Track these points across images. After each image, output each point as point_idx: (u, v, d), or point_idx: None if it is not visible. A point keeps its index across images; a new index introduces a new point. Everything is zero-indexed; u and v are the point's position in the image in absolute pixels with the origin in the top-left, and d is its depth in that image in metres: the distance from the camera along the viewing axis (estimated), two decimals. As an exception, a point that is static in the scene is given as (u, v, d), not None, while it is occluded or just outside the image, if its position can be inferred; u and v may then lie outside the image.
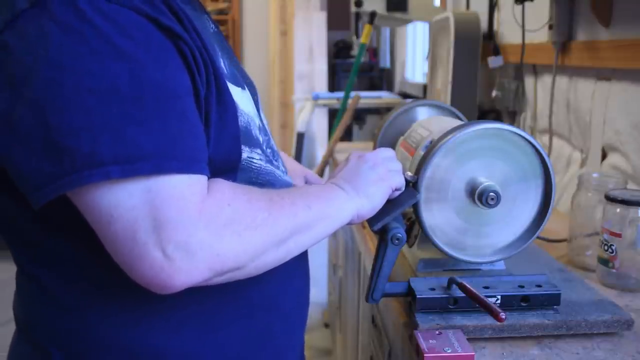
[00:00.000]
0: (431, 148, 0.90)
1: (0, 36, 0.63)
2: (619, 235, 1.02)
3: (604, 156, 1.45)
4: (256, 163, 0.78)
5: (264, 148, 0.81)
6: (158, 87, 0.63)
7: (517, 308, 0.87)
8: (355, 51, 4.23)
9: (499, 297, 0.87)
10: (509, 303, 0.87)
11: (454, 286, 0.86)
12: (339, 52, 4.91)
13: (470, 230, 0.92)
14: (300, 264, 0.87)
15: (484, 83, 2.18)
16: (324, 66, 4.24)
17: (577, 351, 0.83)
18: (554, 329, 0.86)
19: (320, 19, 4.23)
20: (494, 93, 2.08)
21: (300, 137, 3.44)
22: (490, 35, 2.14)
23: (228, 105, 0.72)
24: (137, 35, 0.64)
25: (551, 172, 0.91)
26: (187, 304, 0.73)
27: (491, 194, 0.88)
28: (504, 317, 0.77)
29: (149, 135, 0.61)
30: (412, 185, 0.89)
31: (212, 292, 0.73)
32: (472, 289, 0.83)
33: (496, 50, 2.05)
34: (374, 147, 1.29)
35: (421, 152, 1.01)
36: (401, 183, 0.86)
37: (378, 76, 4.80)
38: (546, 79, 1.76)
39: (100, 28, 0.62)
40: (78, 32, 0.61)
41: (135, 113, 0.61)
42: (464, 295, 0.85)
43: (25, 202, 0.65)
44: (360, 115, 3.85)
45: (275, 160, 0.84)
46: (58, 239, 0.71)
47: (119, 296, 0.71)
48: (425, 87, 2.84)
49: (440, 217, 0.91)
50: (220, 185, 0.68)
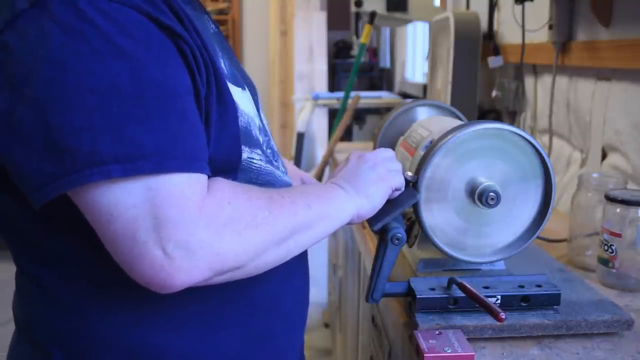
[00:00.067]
0: (431, 148, 0.90)
1: (0, 36, 0.63)
2: (619, 235, 1.02)
3: (604, 156, 1.45)
4: (256, 163, 0.78)
5: (264, 148, 0.81)
6: (158, 86, 0.63)
7: (517, 308, 0.87)
8: (355, 51, 4.23)
9: (499, 297, 0.87)
10: (509, 303, 0.87)
11: (454, 286, 0.86)
12: (339, 52, 4.91)
13: (470, 230, 0.92)
14: (300, 263, 0.87)
15: (484, 83, 2.18)
16: (324, 66, 4.24)
17: (577, 351, 0.83)
18: (554, 329, 0.86)
19: (320, 19, 4.24)
20: (494, 93, 2.08)
21: (300, 137, 3.44)
22: (490, 35, 2.14)
23: (228, 106, 0.72)
24: (138, 35, 0.63)
25: (551, 172, 0.91)
26: (188, 303, 0.73)
27: (491, 194, 0.88)
28: (504, 317, 0.77)
29: (149, 134, 0.61)
30: (412, 185, 0.89)
31: (212, 292, 0.73)
32: (472, 289, 0.83)
33: (496, 50, 2.05)
34: (374, 147, 1.29)
35: (421, 152, 1.01)
36: (401, 183, 0.86)
37: (378, 76, 4.80)
38: (546, 79, 1.76)
39: (100, 27, 0.62)
40: (79, 32, 0.61)
41: (136, 112, 0.61)
42: (464, 295, 0.85)
43: (25, 202, 0.65)
44: (360, 115, 3.85)
45: (275, 161, 0.84)
46: (59, 238, 0.71)
47: (120, 295, 0.71)
48: (425, 87, 2.84)
49: (440, 217, 0.91)
50: (220, 184, 0.67)
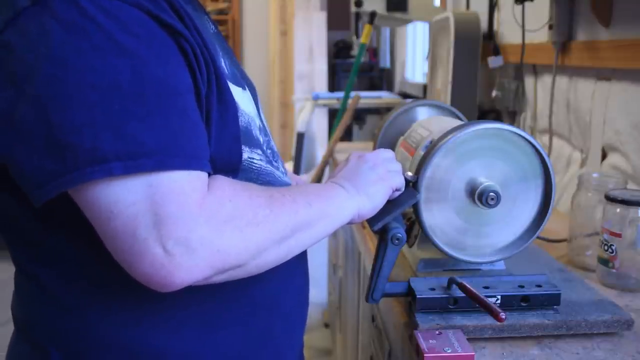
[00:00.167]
0: (431, 148, 0.90)
1: (2, 35, 0.63)
2: (619, 235, 1.02)
3: (604, 156, 1.45)
4: (256, 163, 0.78)
5: (264, 149, 0.81)
6: (159, 83, 0.63)
7: (517, 308, 0.87)
8: (355, 51, 4.23)
9: (499, 297, 0.87)
10: (509, 303, 0.87)
11: (454, 286, 0.86)
12: (339, 52, 4.91)
13: (470, 230, 0.92)
14: (300, 263, 0.87)
15: (484, 83, 2.18)
16: (324, 66, 4.24)
17: (577, 351, 0.83)
18: (554, 329, 0.86)
19: (320, 19, 4.24)
20: (494, 93, 2.08)
21: (300, 137, 3.44)
22: (490, 35, 2.14)
23: (229, 105, 0.72)
24: (139, 32, 0.63)
25: (551, 172, 0.91)
26: (188, 303, 0.73)
27: (491, 194, 0.88)
28: (504, 317, 0.77)
29: (150, 132, 0.61)
30: (412, 185, 0.89)
31: (213, 292, 0.73)
32: (472, 289, 0.83)
33: (496, 50, 2.05)
34: (374, 147, 1.29)
35: (421, 152, 1.01)
36: (401, 183, 0.86)
37: (378, 76, 4.80)
38: (546, 79, 1.76)
39: (102, 24, 0.62)
40: (80, 29, 0.61)
41: (137, 109, 0.61)
42: (464, 295, 0.85)
43: (26, 201, 0.65)
44: (360, 115, 3.85)
45: (275, 161, 0.84)
46: (59, 237, 0.71)
47: (120, 295, 0.71)
48: (425, 87, 2.84)
49: (440, 217, 0.91)
50: (221, 182, 0.67)
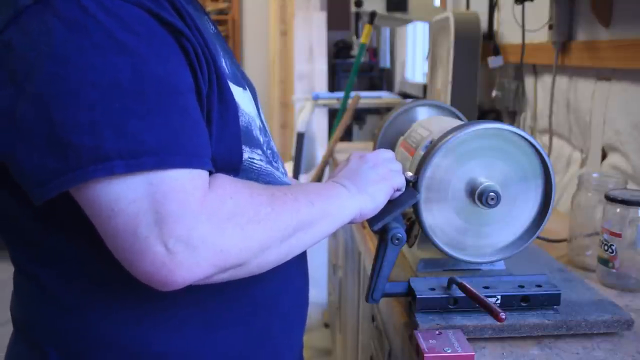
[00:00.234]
0: (431, 148, 0.90)
1: (4, 33, 0.63)
2: (619, 235, 1.02)
3: (604, 156, 1.45)
4: (257, 164, 0.78)
5: (265, 149, 0.81)
6: (160, 82, 0.63)
7: (517, 308, 0.87)
8: (355, 51, 4.23)
9: (499, 297, 0.87)
10: (509, 303, 0.87)
11: (454, 286, 0.86)
12: (339, 52, 4.91)
13: (470, 230, 0.92)
14: (300, 264, 0.86)
15: (484, 83, 2.18)
16: (324, 66, 4.25)
17: (577, 351, 0.83)
18: (554, 329, 0.86)
19: (320, 19, 4.24)
20: (494, 93, 2.08)
21: (300, 137, 3.44)
22: (490, 35, 2.14)
23: (229, 104, 0.72)
24: (140, 30, 0.63)
25: (551, 172, 0.91)
26: (189, 303, 0.73)
27: (491, 194, 0.88)
28: (504, 317, 0.77)
29: (151, 130, 0.61)
30: (412, 185, 0.89)
31: (213, 292, 0.73)
32: (472, 289, 0.83)
33: (496, 50, 2.05)
34: (374, 147, 1.29)
35: (421, 152, 1.01)
36: (402, 183, 0.86)
37: (378, 76, 4.80)
38: (546, 79, 1.76)
39: (103, 23, 0.62)
40: (81, 27, 0.61)
41: (138, 107, 0.61)
42: (464, 295, 0.85)
43: (26, 201, 0.64)
44: (360, 115, 3.85)
45: (275, 162, 0.84)
46: (59, 236, 0.71)
47: (120, 294, 0.71)
48: (425, 87, 2.84)
49: (440, 217, 0.91)
50: (222, 180, 0.67)
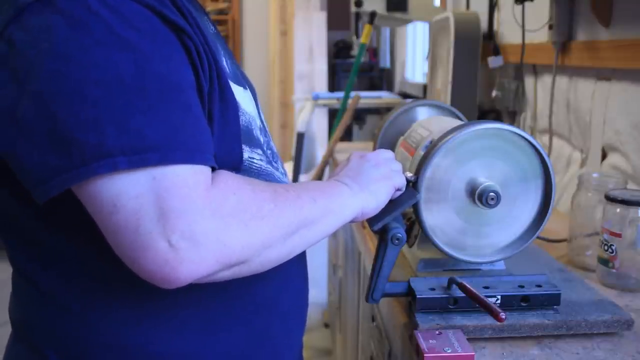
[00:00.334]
0: (431, 148, 0.90)
1: (5, 31, 0.63)
2: (619, 235, 1.02)
3: (604, 156, 1.45)
4: (256, 163, 0.78)
5: (265, 149, 0.81)
6: (162, 79, 0.63)
7: (517, 308, 0.87)
8: (355, 51, 4.23)
9: (499, 297, 0.87)
10: (509, 303, 0.87)
11: (454, 286, 0.86)
12: (339, 52, 4.91)
13: (470, 230, 0.92)
14: (300, 264, 0.86)
15: (484, 83, 2.18)
16: (324, 66, 4.25)
17: (577, 351, 0.83)
18: (554, 329, 0.86)
19: (320, 19, 4.24)
20: (494, 93, 2.08)
21: (300, 137, 3.44)
22: (490, 35, 2.14)
23: (230, 103, 0.72)
24: (143, 27, 0.63)
25: (551, 172, 0.91)
26: (190, 303, 0.73)
27: (491, 194, 0.88)
28: (504, 317, 0.77)
29: (153, 126, 0.61)
30: (412, 185, 0.89)
31: (214, 292, 0.73)
32: (472, 289, 0.83)
33: (496, 50, 2.05)
34: (374, 147, 1.29)
35: (421, 152, 1.01)
36: (403, 183, 0.86)
37: (378, 76, 4.80)
38: (546, 79, 1.76)
39: (105, 19, 0.61)
40: (84, 24, 0.61)
41: (140, 104, 0.61)
42: (464, 295, 0.85)
43: (26, 200, 0.64)
44: (360, 115, 3.85)
45: (275, 162, 0.84)
46: (59, 235, 0.70)
47: (121, 294, 0.71)
48: (425, 87, 2.84)
49: (440, 217, 0.91)
50: (224, 176, 0.67)
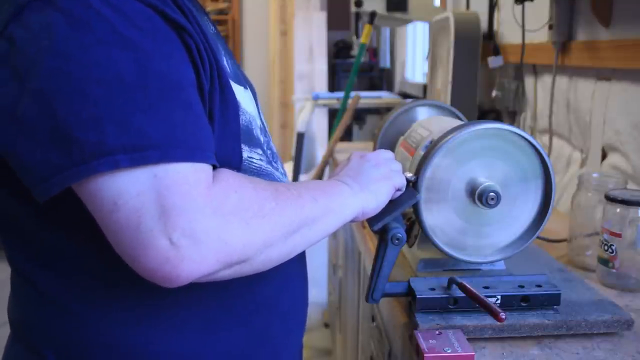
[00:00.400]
0: (431, 148, 0.90)
1: (6, 29, 0.63)
2: (619, 235, 1.02)
3: (604, 156, 1.45)
4: (256, 163, 0.78)
5: (264, 149, 0.81)
6: (163, 77, 0.62)
7: (517, 308, 0.87)
8: (355, 51, 4.22)
9: (499, 297, 0.87)
10: (509, 303, 0.87)
11: (454, 286, 0.86)
12: (339, 52, 4.91)
13: (470, 230, 0.92)
14: (299, 264, 0.86)
15: (484, 83, 2.18)
16: (324, 66, 4.25)
17: (577, 351, 0.83)
18: (554, 329, 0.86)
19: (320, 19, 4.25)
20: (494, 93, 2.08)
21: (300, 137, 3.44)
22: (490, 35, 2.14)
23: (230, 103, 0.72)
24: (144, 26, 0.63)
25: (551, 172, 0.91)
26: (190, 303, 0.73)
27: (491, 194, 0.88)
28: (504, 317, 0.77)
29: (154, 124, 0.61)
30: (412, 185, 0.89)
31: (214, 292, 0.73)
32: (472, 289, 0.83)
33: (496, 50, 2.05)
34: (374, 147, 1.29)
35: (421, 152, 1.01)
36: (403, 183, 0.86)
37: (378, 76, 4.80)
38: (546, 79, 1.76)
39: (106, 17, 0.61)
40: (84, 22, 0.61)
41: (141, 102, 0.61)
42: (464, 295, 0.85)
43: (27, 199, 0.64)
44: (360, 115, 3.85)
45: (275, 162, 0.84)
46: (59, 234, 0.70)
47: (121, 294, 0.71)
48: (425, 87, 2.84)
49: (440, 217, 0.91)
50: (225, 174, 0.67)
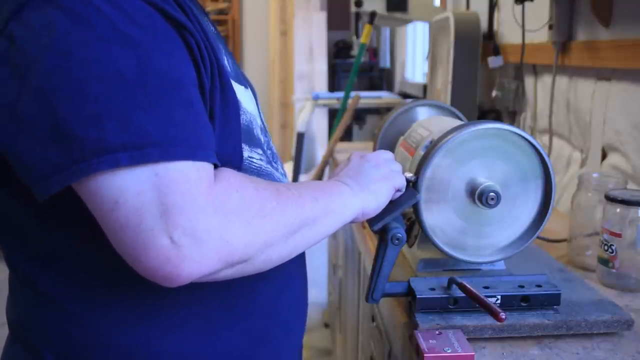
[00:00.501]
0: (431, 148, 0.90)
1: (6, 27, 0.62)
2: (619, 235, 1.02)
3: (604, 156, 1.45)
4: (256, 163, 0.78)
5: (265, 149, 0.81)
6: (163, 75, 0.62)
7: (517, 308, 0.87)
8: (355, 51, 4.22)
9: (499, 297, 0.87)
10: (509, 303, 0.87)
11: (454, 286, 0.86)
12: (339, 52, 4.91)
13: (470, 230, 0.92)
14: (299, 265, 0.86)
15: (484, 83, 2.18)
16: (324, 66, 4.25)
17: (577, 351, 0.83)
18: (554, 329, 0.86)
19: (320, 19, 4.24)
20: (494, 93, 2.08)
21: (300, 137, 3.44)
22: (490, 35, 2.14)
23: (231, 102, 0.72)
24: (144, 23, 0.63)
25: (551, 172, 0.91)
26: (191, 302, 0.73)
27: (491, 194, 0.88)
28: (504, 317, 0.77)
29: (155, 122, 0.60)
30: (412, 185, 0.89)
31: (214, 291, 0.73)
32: (472, 289, 0.83)
33: (496, 50, 2.05)
34: (374, 147, 1.29)
35: (421, 152, 1.01)
36: (403, 184, 0.86)
37: (378, 76, 4.80)
38: (546, 79, 1.76)
39: (107, 15, 0.61)
40: (84, 19, 0.61)
41: (141, 100, 0.60)
42: (464, 295, 0.85)
43: (27, 198, 0.64)
44: (360, 115, 3.85)
45: (275, 162, 0.84)
46: (59, 233, 0.70)
47: (121, 293, 0.71)
48: (425, 87, 2.84)
49: (440, 217, 0.91)
50: (227, 173, 0.66)
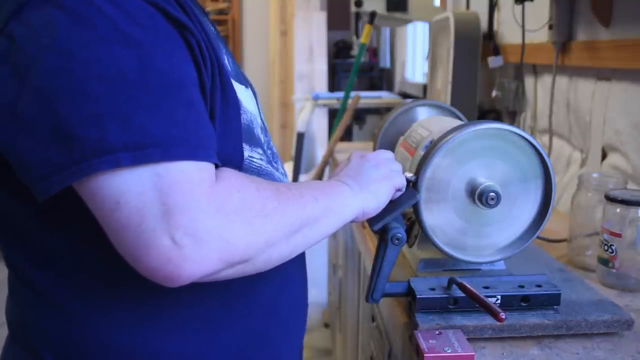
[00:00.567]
0: (431, 148, 0.90)
1: (6, 27, 0.62)
2: (619, 235, 1.02)
3: (604, 156, 1.45)
4: (256, 162, 0.78)
5: (265, 148, 0.81)
6: (165, 75, 0.62)
7: (517, 308, 0.87)
8: (355, 51, 4.22)
9: (499, 297, 0.87)
10: (509, 303, 0.87)
11: (454, 286, 0.86)
12: (339, 52, 4.91)
13: (470, 230, 0.92)
14: (299, 265, 0.86)
15: (484, 83, 2.18)
16: (324, 66, 4.25)
17: (577, 351, 0.83)
18: (554, 329, 0.86)
19: (320, 19, 4.24)
20: (494, 93, 2.08)
21: (300, 137, 3.44)
22: (490, 35, 2.14)
23: (231, 101, 0.72)
24: (146, 23, 0.63)
25: (551, 172, 0.91)
26: (191, 303, 0.73)
27: (491, 194, 0.88)
28: (504, 317, 0.77)
29: (156, 122, 0.60)
30: (412, 185, 0.89)
31: (215, 291, 0.73)
32: (472, 289, 0.83)
33: (496, 50, 2.05)
34: (374, 147, 1.29)
35: (421, 152, 1.01)
36: (403, 184, 0.86)
37: (378, 76, 4.80)
38: (546, 79, 1.76)
39: (108, 15, 0.61)
40: (85, 19, 0.61)
41: (143, 100, 0.60)
42: (464, 295, 0.85)
43: (27, 198, 0.64)
44: (360, 115, 3.85)
45: (275, 162, 0.84)
46: (59, 233, 0.70)
47: (121, 293, 0.71)
48: (425, 87, 2.84)
49: (440, 217, 0.91)
50: (228, 173, 0.66)
